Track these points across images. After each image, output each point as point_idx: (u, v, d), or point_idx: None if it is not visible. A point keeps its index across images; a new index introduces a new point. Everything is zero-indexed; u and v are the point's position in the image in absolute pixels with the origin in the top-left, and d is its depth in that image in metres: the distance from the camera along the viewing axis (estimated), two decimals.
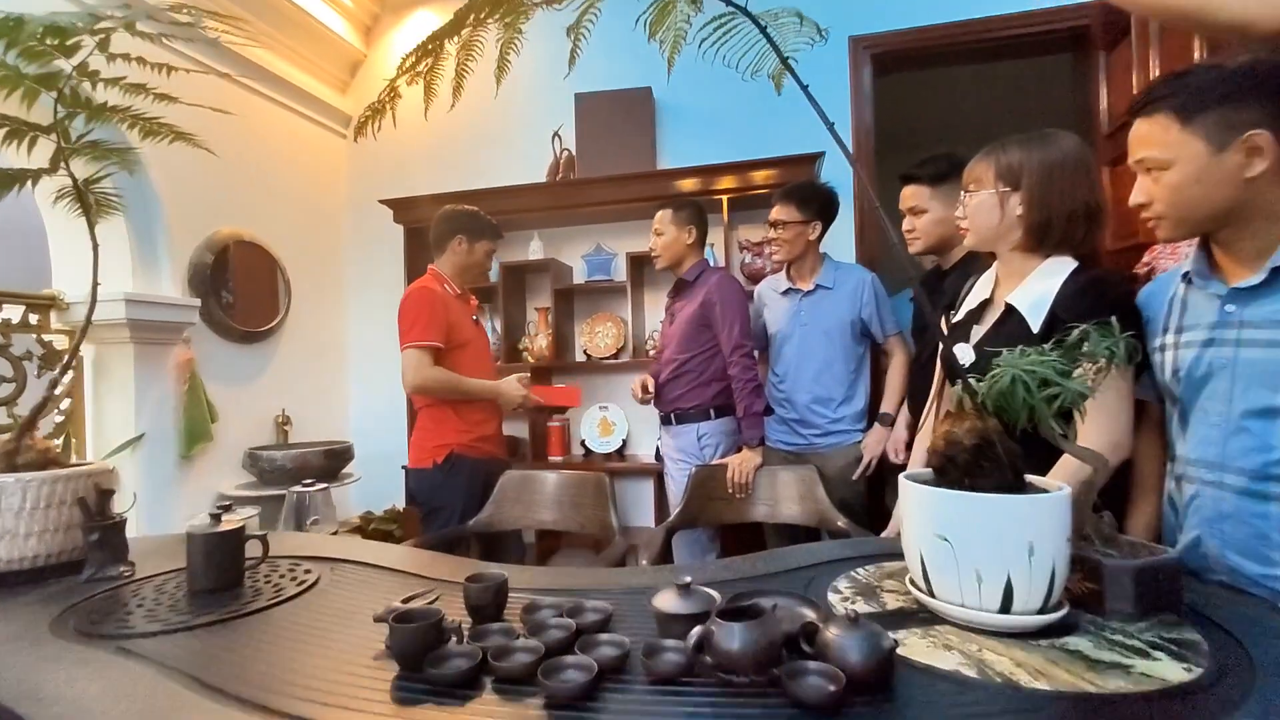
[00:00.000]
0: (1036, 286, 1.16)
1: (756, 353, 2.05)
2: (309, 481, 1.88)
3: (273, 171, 2.95)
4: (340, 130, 3.35)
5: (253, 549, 1.05)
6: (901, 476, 0.86)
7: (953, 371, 1.12)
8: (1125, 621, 0.74)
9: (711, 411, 2.06)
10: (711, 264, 2.27)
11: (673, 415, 2.12)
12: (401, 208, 2.97)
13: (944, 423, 0.88)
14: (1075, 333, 0.82)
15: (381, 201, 2.98)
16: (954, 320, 1.34)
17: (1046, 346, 0.83)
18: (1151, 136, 0.93)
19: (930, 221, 1.69)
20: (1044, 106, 3.64)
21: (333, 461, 2.60)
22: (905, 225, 1.74)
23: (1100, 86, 2.44)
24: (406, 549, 1.26)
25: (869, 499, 2.12)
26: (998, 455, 0.81)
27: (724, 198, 2.65)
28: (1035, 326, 1.12)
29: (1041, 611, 0.72)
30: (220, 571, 0.97)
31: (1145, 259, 1.46)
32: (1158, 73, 2.06)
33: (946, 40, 2.69)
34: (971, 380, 0.84)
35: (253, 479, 2.58)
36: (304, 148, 3.15)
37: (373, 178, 3.32)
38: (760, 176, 2.62)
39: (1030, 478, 0.82)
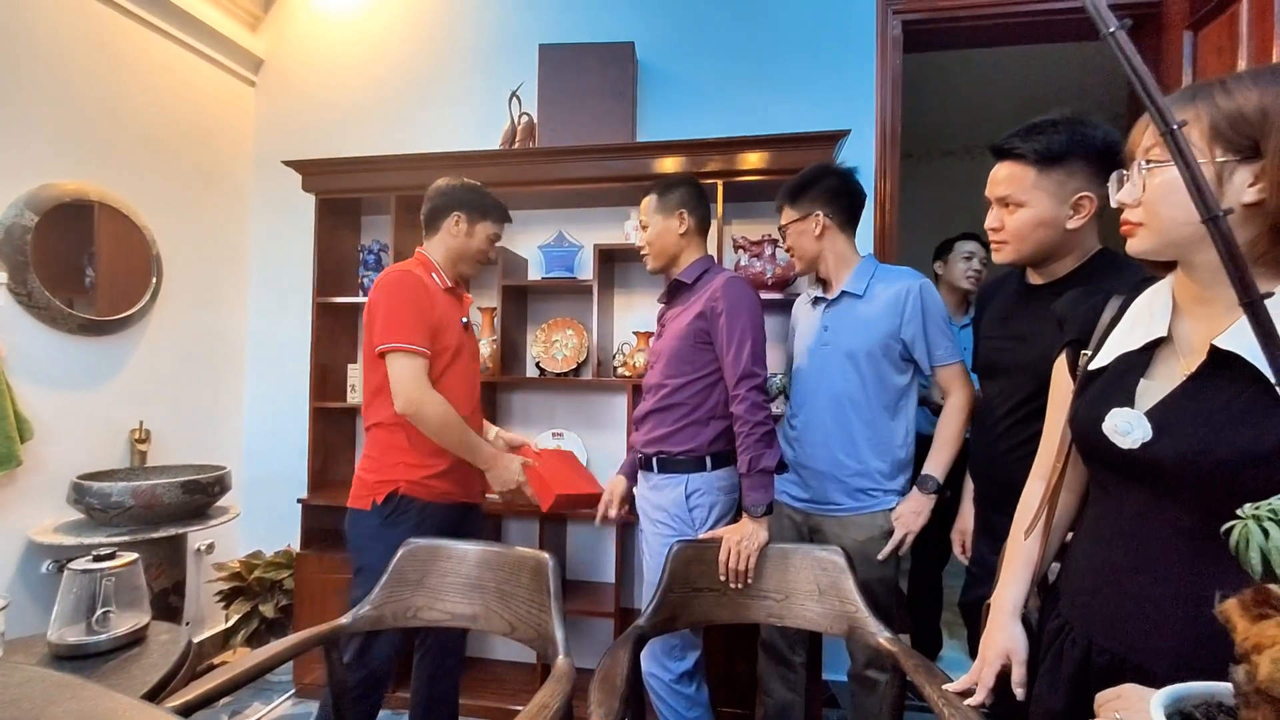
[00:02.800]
0: None
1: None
2: (103, 553, 1.28)
3: (150, 119, 2.30)
4: (249, 76, 2.71)
5: None
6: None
7: (1096, 450, 0.80)
8: None
9: (708, 460, 1.52)
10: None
11: (654, 460, 1.57)
12: (312, 172, 2.35)
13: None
14: None
15: (286, 163, 2.36)
16: (1092, 367, 0.85)
17: None
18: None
19: (1029, 221, 1.13)
20: (1098, 99, 3.25)
21: (195, 495, 1.97)
22: (989, 222, 1.19)
23: (1182, 71, 2.01)
24: None
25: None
26: None
27: (719, 183, 2.12)
28: None
29: None
30: None
31: None
32: None
33: (993, 11, 2.25)
34: None
35: (83, 517, 1.93)
36: (199, 94, 2.50)
37: (289, 137, 2.69)
38: (764, 159, 2.09)
39: None
